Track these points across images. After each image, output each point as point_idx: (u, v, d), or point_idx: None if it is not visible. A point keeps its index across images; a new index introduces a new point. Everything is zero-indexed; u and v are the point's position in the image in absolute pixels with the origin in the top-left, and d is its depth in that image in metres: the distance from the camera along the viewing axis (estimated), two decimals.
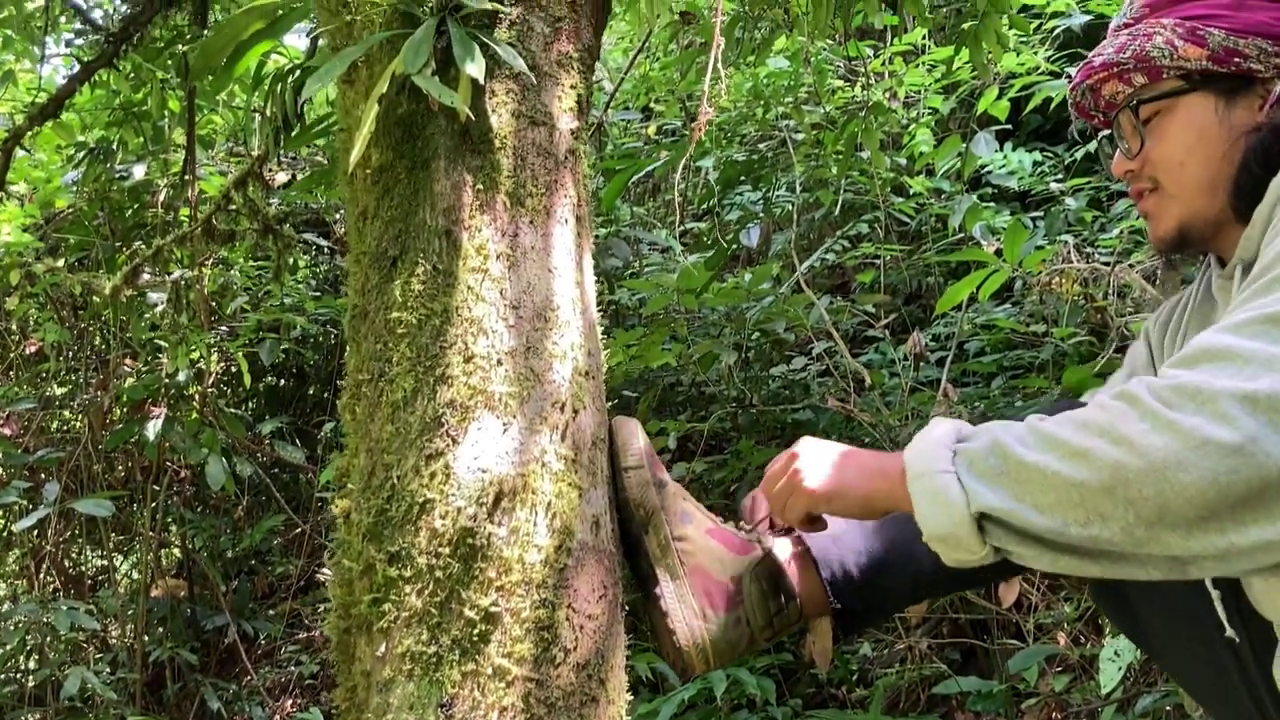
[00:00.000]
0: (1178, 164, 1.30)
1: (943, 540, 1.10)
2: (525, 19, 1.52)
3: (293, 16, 1.67)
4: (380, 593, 1.28)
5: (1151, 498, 0.96)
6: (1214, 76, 1.27)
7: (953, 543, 1.10)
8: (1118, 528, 0.98)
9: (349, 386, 1.43)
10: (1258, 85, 1.26)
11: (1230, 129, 1.26)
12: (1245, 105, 1.26)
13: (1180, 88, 1.30)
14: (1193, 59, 1.27)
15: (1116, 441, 0.99)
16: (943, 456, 1.11)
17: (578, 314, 1.46)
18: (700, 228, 4.48)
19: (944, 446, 1.12)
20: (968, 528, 1.07)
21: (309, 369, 4.43)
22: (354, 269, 1.48)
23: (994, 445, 1.08)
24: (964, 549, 1.09)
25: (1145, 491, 0.96)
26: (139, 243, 3.50)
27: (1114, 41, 1.35)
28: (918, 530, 1.32)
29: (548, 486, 1.33)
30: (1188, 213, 1.31)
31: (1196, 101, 1.29)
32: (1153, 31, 1.30)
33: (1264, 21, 1.25)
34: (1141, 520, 0.97)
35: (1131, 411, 1.00)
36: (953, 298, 2.89)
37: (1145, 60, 1.30)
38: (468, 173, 1.43)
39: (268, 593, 4.35)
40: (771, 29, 3.55)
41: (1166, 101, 1.31)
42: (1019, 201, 4.13)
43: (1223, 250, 1.33)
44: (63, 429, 4.22)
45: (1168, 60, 1.28)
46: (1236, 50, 1.25)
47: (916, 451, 1.15)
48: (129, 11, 2.67)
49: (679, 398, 3.82)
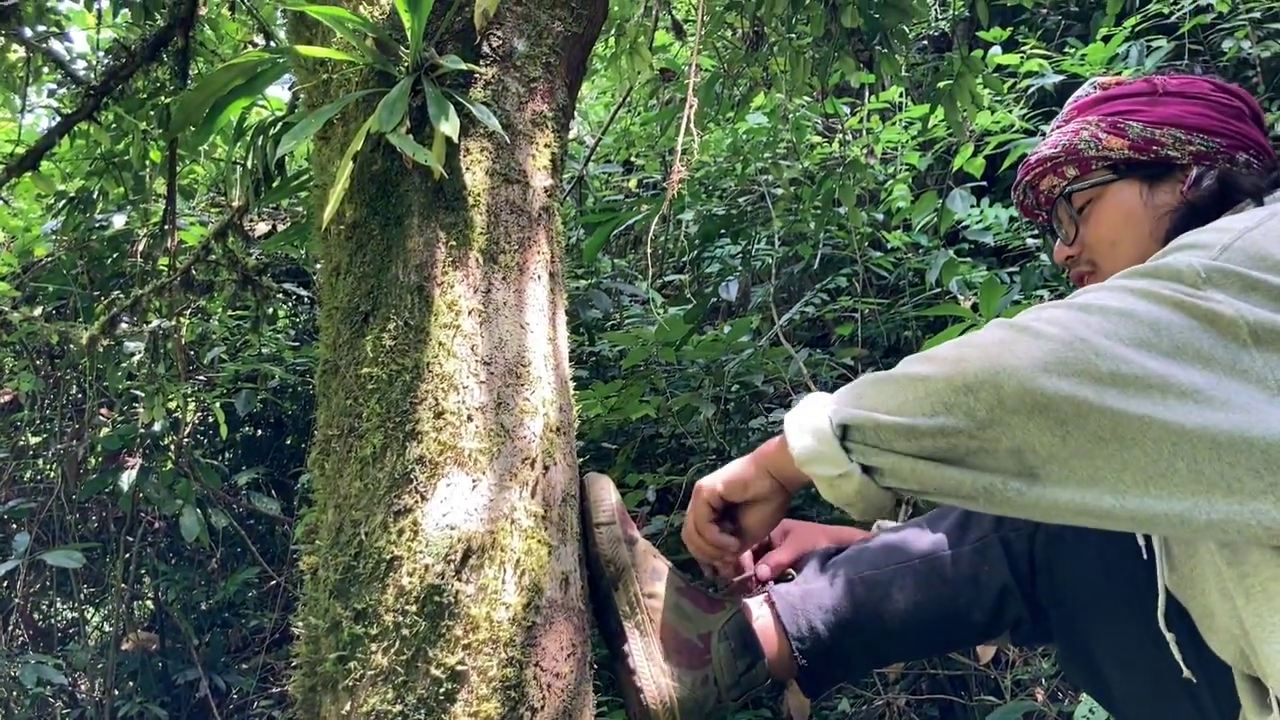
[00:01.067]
0: (1110, 244, 1.42)
1: (812, 461, 1.19)
2: (500, 79, 1.54)
3: (271, 74, 1.69)
4: (346, 650, 1.26)
5: (986, 381, 1.04)
6: (1137, 164, 1.40)
7: (819, 460, 1.19)
8: (961, 414, 1.06)
9: (318, 442, 1.42)
10: (1176, 171, 1.38)
11: (1155, 210, 1.38)
12: (1167, 189, 1.38)
13: (1108, 177, 1.42)
14: (1116, 149, 1.41)
15: (958, 344, 1.10)
16: (817, 400, 1.23)
17: (550, 369, 1.47)
18: (681, 279, 4.51)
19: (822, 399, 1.23)
20: (830, 442, 1.17)
21: (286, 419, 4.41)
22: (326, 324, 1.48)
23: (860, 380, 1.19)
24: (829, 463, 1.18)
25: (981, 376, 1.04)
26: (117, 292, 3.49)
27: (1047, 140, 1.49)
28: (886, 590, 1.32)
29: (517, 543, 1.32)
30: None
31: (1123, 188, 1.41)
32: (1080, 127, 1.44)
33: (1175, 114, 1.39)
34: (981, 403, 1.04)
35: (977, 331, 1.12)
36: None
37: (1074, 153, 1.43)
38: (441, 229, 1.44)
39: (241, 646, 4.29)
40: (750, 86, 3.60)
41: (1096, 190, 1.43)
42: (995, 256, 4.17)
43: None
44: (36, 479, 4.18)
45: (1094, 151, 1.42)
46: (1154, 140, 1.38)
47: (797, 406, 1.26)
48: (111, 64, 2.69)
49: (659, 450, 3.81)
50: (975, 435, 1.05)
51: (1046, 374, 1.01)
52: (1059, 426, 1.01)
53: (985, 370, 1.04)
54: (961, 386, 1.05)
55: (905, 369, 1.13)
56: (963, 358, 1.07)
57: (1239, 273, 1.03)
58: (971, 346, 1.07)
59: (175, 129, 2.03)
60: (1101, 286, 1.09)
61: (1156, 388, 0.99)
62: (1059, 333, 1.02)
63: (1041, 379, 1.01)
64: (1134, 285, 1.06)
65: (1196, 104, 1.40)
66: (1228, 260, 1.05)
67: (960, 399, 1.05)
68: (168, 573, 4.06)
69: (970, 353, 1.07)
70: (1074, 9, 4.90)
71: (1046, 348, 1.02)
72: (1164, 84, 1.42)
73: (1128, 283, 1.07)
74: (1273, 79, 4.06)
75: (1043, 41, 4.41)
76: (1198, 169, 1.36)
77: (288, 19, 1.72)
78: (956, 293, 3.53)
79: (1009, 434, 1.03)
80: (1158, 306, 1.03)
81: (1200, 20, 4.02)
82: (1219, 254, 1.06)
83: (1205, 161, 1.36)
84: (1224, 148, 1.36)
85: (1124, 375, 0.99)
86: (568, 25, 1.63)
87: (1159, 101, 1.41)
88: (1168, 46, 4.00)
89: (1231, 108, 1.40)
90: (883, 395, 1.13)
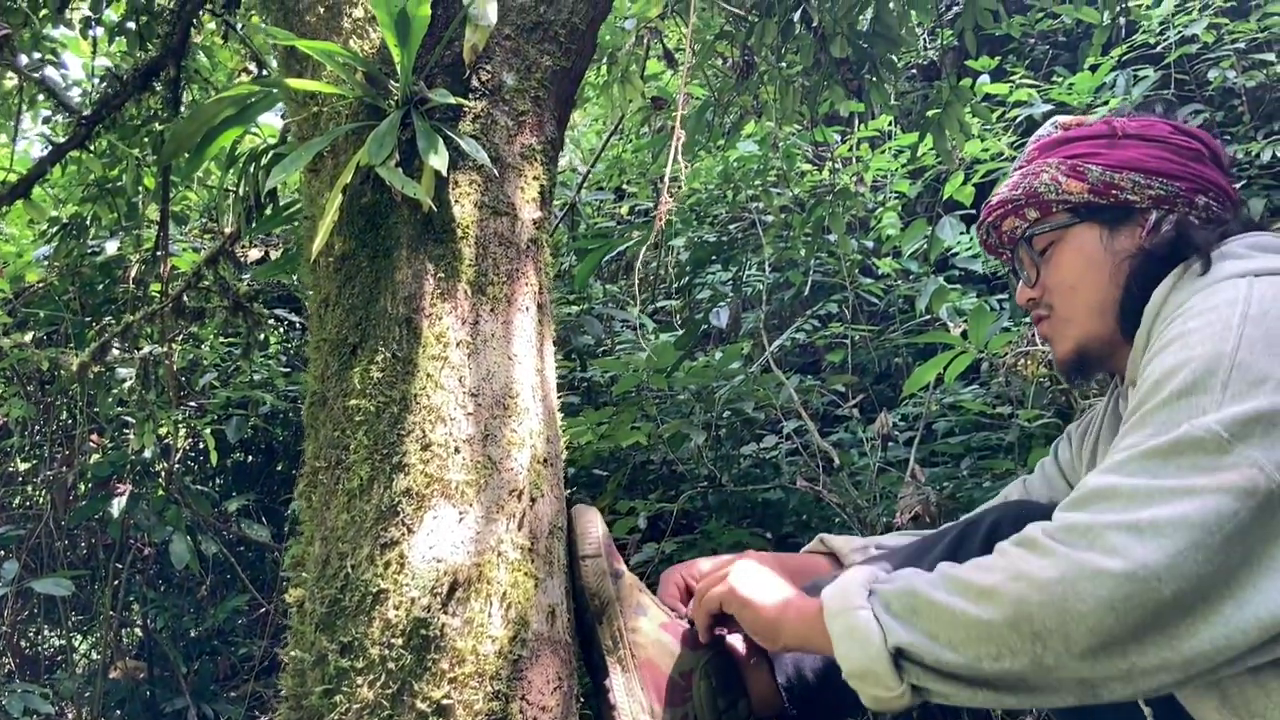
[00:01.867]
0: (1070, 288, 1.40)
1: (861, 677, 1.14)
2: (489, 112, 1.55)
3: (262, 105, 1.70)
4: (332, 684, 1.26)
5: (1054, 629, 1.02)
6: (1097, 208, 1.39)
7: (871, 679, 1.13)
8: (1026, 660, 1.04)
9: (306, 474, 1.43)
10: (1136, 215, 1.37)
11: (1114, 255, 1.37)
12: (1127, 233, 1.37)
13: (1068, 220, 1.41)
14: (1075, 193, 1.39)
15: (1016, 578, 1.06)
16: (859, 594, 1.16)
17: (537, 401, 1.47)
18: (672, 305, 4.52)
19: (860, 586, 1.18)
20: (885, 663, 1.11)
21: (277, 446, 4.40)
22: (314, 355, 1.48)
23: (908, 587, 1.14)
24: (881, 685, 1.12)
25: (1048, 624, 1.03)
26: (109, 318, 3.49)
27: (1009, 181, 1.47)
28: None
29: (503, 576, 1.32)
30: (1083, 334, 1.41)
31: (1083, 232, 1.40)
32: (1040, 170, 1.43)
33: (1135, 157, 1.37)
34: (1049, 651, 1.03)
35: (1029, 553, 1.07)
36: (920, 379, 2.92)
37: (1034, 196, 1.42)
38: (429, 261, 1.45)
39: (230, 674, 4.26)
40: (741, 114, 3.62)
41: (1057, 233, 1.42)
42: (984, 284, 4.20)
43: (1121, 369, 1.42)
44: (25, 505, 4.16)
45: (1054, 195, 1.40)
46: (1113, 184, 1.37)
47: (834, 590, 1.20)
48: (105, 90, 2.70)
49: (650, 476, 3.81)
50: (1043, 676, 1.04)
51: (1114, 614, 1.00)
52: (1123, 659, 1.02)
53: (1051, 618, 1.02)
54: (1029, 634, 1.04)
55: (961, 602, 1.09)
56: (1023, 599, 1.04)
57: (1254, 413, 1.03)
58: (1031, 583, 1.04)
59: (168, 157, 2.05)
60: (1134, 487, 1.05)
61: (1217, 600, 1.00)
62: (1121, 567, 1.00)
63: (1109, 621, 1.00)
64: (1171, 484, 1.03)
65: (1156, 147, 1.38)
66: (1235, 401, 1.05)
67: (1026, 646, 1.04)
68: (156, 600, 4.03)
69: (1030, 593, 1.04)
70: (1061, 39, 4.94)
71: (1110, 585, 1.00)
72: (1123, 126, 1.41)
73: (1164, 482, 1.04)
74: (1258, 108, 4.10)
75: (1031, 71, 4.46)
76: (1156, 214, 1.35)
77: (279, 51, 1.74)
78: (946, 320, 3.55)
79: (1077, 672, 1.03)
80: (1203, 500, 1.01)
81: (1186, 50, 4.06)
82: (1223, 397, 1.05)
83: (1164, 206, 1.35)
84: (1184, 191, 1.35)
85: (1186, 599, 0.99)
86: (556, 60, 1.65)
87: (1118, 144, 1.39)
88: (1154, 76, 4.04)
89: (1191, 150, 1.38)
90: (941, 625, 1.09)
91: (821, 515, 3.53)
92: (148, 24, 2.85)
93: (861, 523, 3.14)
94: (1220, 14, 4.02)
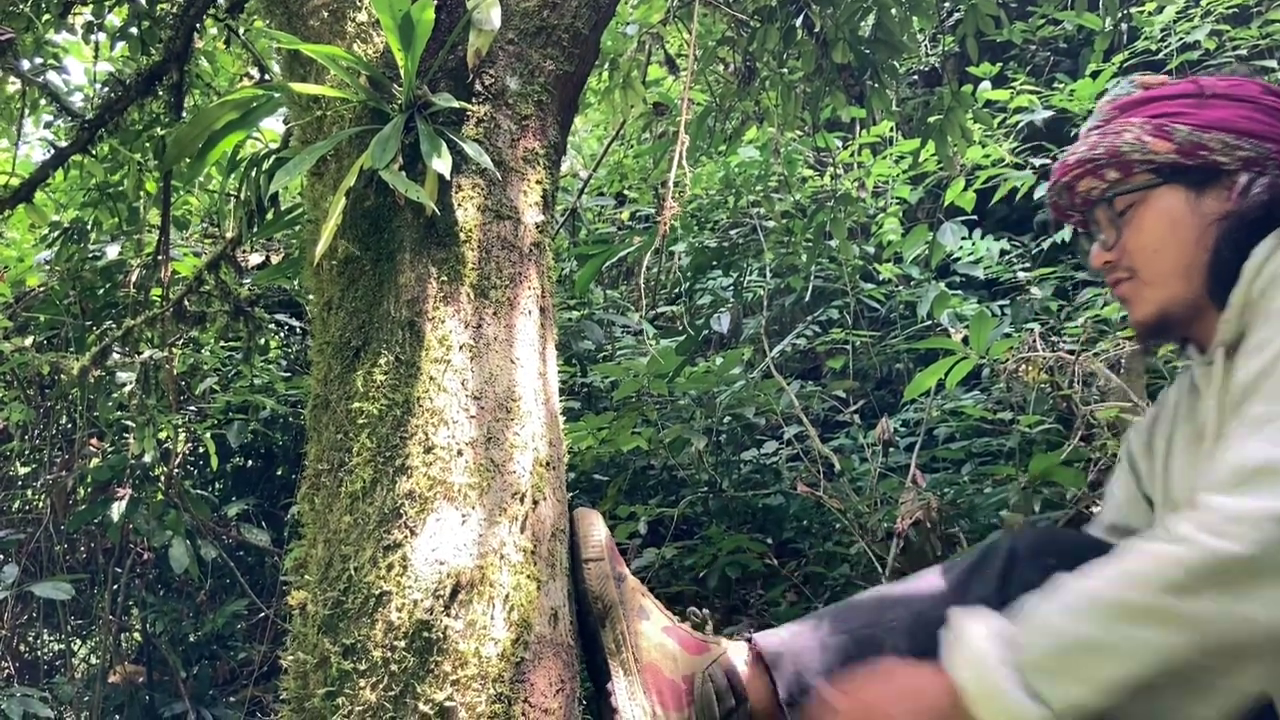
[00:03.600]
0: (1153, 251, 1.36)
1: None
2: (493, 116, 1.55)
3: (265, 109, 1.70)
4: (335, 686, 1.26)
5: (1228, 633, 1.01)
6: (1183, 169, 1.34)
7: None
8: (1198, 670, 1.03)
9: (308, 477, 1.43)
10: (1224, 176, 1.32)
11: (1201, 217, 1.32)
12: (1214, 195, 1.33)
13: (1152, 181, 1.36)
14: (1161, 153, 1.34)
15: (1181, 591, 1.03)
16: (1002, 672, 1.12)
17: (540, 404, 1.47)
18: (673, 311, 4.53)
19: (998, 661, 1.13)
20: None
21: (277, 450, 4.39)
22: (317, 359, 1.48)
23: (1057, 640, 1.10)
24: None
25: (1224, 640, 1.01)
26: (109, 322, 3.49)
27: (1086, 140, 1.42)
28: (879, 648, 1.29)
29: (506, 579, 1.32)
30: (1166, 297, 1.37)
31: (1168, 193, 1.35)
32: (1122, 129, 1.37)
33: (1224, 117, 1.32)
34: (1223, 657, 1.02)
35: (1188, 555, 1.03)
36: (921, 384, 2.92)
37: (1117, 155, 1.36)
38: (432, 265, 1.45)
39: (229, 679, 4.25)
40: (742, 120, 3.63)
41: (1140, 194, 1.37)
42: (986, 289, 4.20)
43: (1201, 335, 1.38)
44: (25, 509, 4.16)
45: (1138, 155, 1.35)
46: (1201, 144, 1.32)
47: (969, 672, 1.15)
48: (108, 95, 2.71)
49: (650, 481, 3.80)
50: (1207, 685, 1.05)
51: None
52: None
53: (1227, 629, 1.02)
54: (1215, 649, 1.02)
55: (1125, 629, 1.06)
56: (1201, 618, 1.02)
57: None
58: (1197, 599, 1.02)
59: (170, 162, 2.05)
60: None
61: None
62: None
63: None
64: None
65: (1245, 107, 1.34)
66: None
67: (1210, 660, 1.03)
68: (156, 604, 4.03)
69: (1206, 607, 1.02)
70: (1063, 45, 4.95)
71: None
72: (1211, 85, 1.36)
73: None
74: None
75: (1032, 77, 4.46)
76: (1246, 175, 1.31)
77: (282, 55, 1.74)
78: (947, 325, 3.55)
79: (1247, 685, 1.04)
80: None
81: (1188, 57, 4.07)
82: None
83: (1255, 168, 1.31)
84: (1274, 153, 1.31)
85: None
86: (559, 64, 1.65)
87: (1206, 104, 1.34)
88: None
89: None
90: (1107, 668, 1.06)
91: (822, 521, 3.53)
92: (150, 29, 2.86)
93: (862, 528, 3.13)
94: (1222, 21, 4.03)
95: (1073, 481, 2.76)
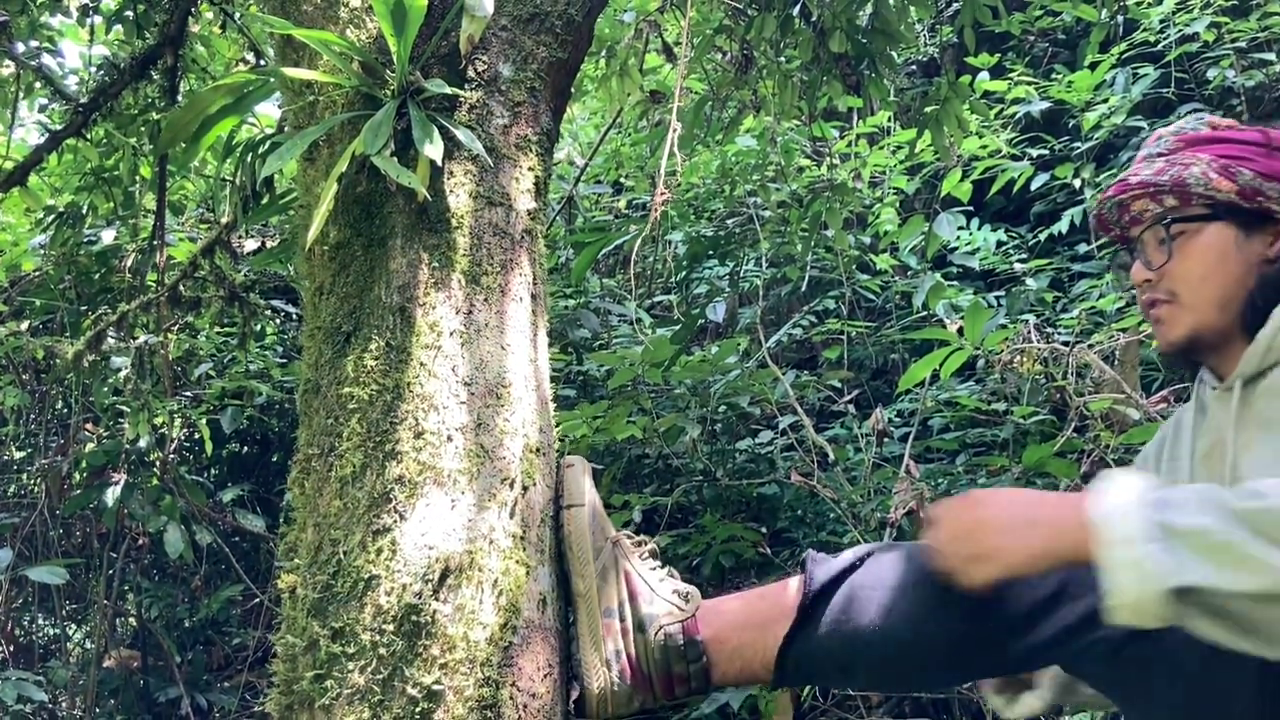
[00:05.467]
0: (1199, 279, 1.45)
1: (1128, 608, 1.15)
2: (485, 103, 1.55)
3: (259, 94, 1.70)
4: (323, 669, 1.27)
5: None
6: (1238, 210, 1.44)
7: (1137, 610, 1.14)
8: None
9: (299, 461, 1.43)
10: (1272, 224, 1.43)
11: (1246, 257, 1.43)
12: (1260, 239, 1.44)
13: (1207, 214, 1.45)
14: (1223, 191, 1.43)
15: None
16: (1143, 525, 1.15)
17: (530, 391, 1.47)
18: (669, 300, 4.53)
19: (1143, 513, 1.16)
20: (1161, 599, 1.12)
21: (272, 436, 4.40)
22: (308, 344, 1.49)
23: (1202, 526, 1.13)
24: (1149, 616, 1.14)
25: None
26: (104, 307, 3.49)
27: (1151, 166, 1.50)
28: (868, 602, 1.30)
29: (495, 564, 1.33)
30: (1201, 323, 1.46)
31: (1220, 229, 1.45)
32: (1190, 162, 1.46)
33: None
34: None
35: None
36: (915, 375, 2.92)
37: (1181, 186, 1.45)
38: (424, 251, 1.45)
39: (224, 664, 4.26)
40: (739, 109, 3.62)
41: (1194, 225, 1.46)
42: (982, 280, 4.20)
43: (1223, 363, 1.47)
44: (20, 494, 4.16)
45: (1201, 189, 1.44)
46: (1260, 191, 1.42)
47: (1111, 514, 1.17)
48: (102, 78, 2.70)
49: (645, 470, 3.81)
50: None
51: None
52: None
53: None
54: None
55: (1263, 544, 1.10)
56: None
57: None
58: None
59: (164, 146, 2.04)
60: None
61: None
62: None
63: None
64: None
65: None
66: None
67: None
68: (151, 589, 4.04)
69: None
70: (1061, 37, 4.95)
71: None
72: (1278, 139, 1.46)
73: None
74: (1256, 107, 4.10)
75: (1030, 68, 4.46)
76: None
77: (276, 40, 1.74)
78: (943, 316, 3.55)
79: None
80: None
81: (1186, 49, 4.06)
82: None
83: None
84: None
85: None
86: (552, 51, 1.65)
87: (1273, 155, 1.45)
88: (1154, 75, 4.04)
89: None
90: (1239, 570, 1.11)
91: (816, 510, 3.54)
92: (145, 12, 2.85)
93: (856, 518, 3.14)
94: (1221, 13, 4.02)
95: (1066, 472, 2.77)
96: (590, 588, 1.43)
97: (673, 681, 1.41)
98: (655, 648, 1.41)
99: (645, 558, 1.51)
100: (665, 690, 1.42)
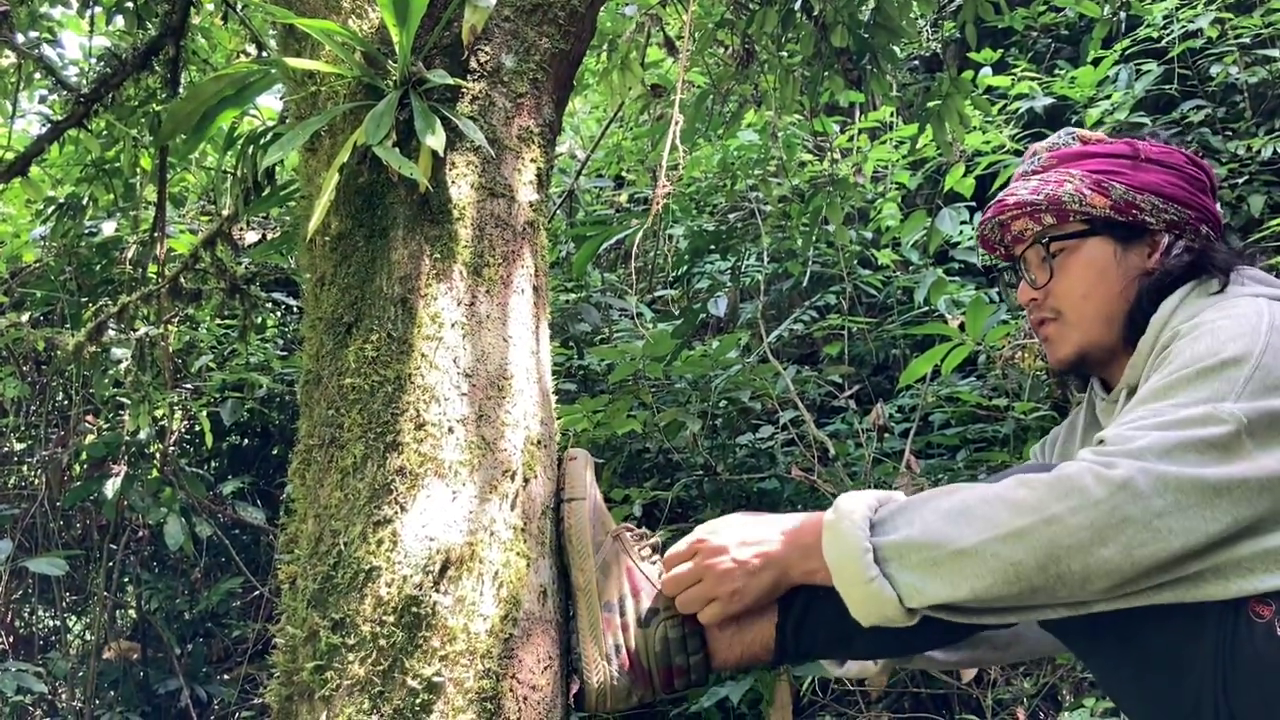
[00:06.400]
0: (1080, 297, 1.48)
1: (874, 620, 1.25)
2: (487, 94, 1.55)
3: (260, 85, 1.69)
4: (323, 660, 1.26)
5: (1078, 571, 1.15)
6: (1114, 224, 1.46)
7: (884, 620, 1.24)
8: (1044, 595, 1.17)
9: (300, 452, 1.43)
10: (1148, 235, 1.46)
11: (1126, 270, 1.46)
12: (1137, 251, 1.46)
13: (1084, 230, 1.48)
14: (1098, 207, 1.46)
15: (1049, 521, 1.16)
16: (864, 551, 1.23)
17: (532, 383, 1.47)
18: (670, 294, 4.52)
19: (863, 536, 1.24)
20: (903, 616, 1.22)
21: (273, 429, 4.40)
22: (309, 334, 1.48)
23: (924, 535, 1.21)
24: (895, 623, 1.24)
25: (1073, 566, 1.15)
26: (105, 299, 3.48)
27: (1026, 185, 1.53)
28: None
29: (496, 556, 1.32)
30: (1087, 340, 1.49)
31: (1098, 244, 1.48)
32: (1064, 179, 1.49)
33: (1155, 181, 1.46)
34: (1066, 587, 1.16)
35: (1060, 487, 1.17)
36: (917, 370, 2.92)
37: (1057, 203, 1.48)
38: (426, 242, 1.45)
39: (223, 656, 4.27)
40: (741, 103, 3.62)
41: (1072, 241, 1.49)
42: (983, 276, 4.19)
43: (1111, 375, 1.51)
44: (20, 485, 4.16)
45: (1076, 205, 1.47)
46: (1134, 204, 1.45)
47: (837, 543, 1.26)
48: (103, 70, 2.69)
49: (645, 465, 3.81)
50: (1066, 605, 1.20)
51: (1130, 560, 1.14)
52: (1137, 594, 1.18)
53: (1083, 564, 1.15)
54: (1055, 577, 1.15)
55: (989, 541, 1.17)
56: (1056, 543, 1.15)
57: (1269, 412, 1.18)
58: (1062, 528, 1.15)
59: (165, 137, 2.04)
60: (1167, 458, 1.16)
61: None
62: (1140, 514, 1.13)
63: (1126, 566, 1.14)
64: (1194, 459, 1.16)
65: (1173, 174, 1.47)
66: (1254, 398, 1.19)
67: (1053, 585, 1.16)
68: (150, 581, 4.04)
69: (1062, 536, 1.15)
70: (1064, 32, 4.93)
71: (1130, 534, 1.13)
72: (1145, 150, 1.48)
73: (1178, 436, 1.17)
74: (1259, 104, 4.09)
75: (1033, 64, 4.45)
76: (1169, 237, 1.44)
77: (278, 30, 1.73)
78: (944, 311, 3.55)
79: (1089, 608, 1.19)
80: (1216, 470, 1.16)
81: (1190, 45, 4.05)
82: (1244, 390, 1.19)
83: (1175, 230, 1.45)
84: (1191, 219, 1.45)
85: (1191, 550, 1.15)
86: (555, 42, 1.64)
87: (1141, 167, 1.47)
88: (1156, 71, 4.03)
89: (1199, 181, 1.48)
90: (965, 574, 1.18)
91: (817, 505, 3.53)
92: (146, 3, 2.85)
93: None
94: (1224, 9, 4.01)
95: None
96: (590, 581, 1.43)
97: (672, 674, 1.41)
98: (655, 642, 1.41)
99: (646, 552, 1.51)
100: (665, 684, 1.42)
